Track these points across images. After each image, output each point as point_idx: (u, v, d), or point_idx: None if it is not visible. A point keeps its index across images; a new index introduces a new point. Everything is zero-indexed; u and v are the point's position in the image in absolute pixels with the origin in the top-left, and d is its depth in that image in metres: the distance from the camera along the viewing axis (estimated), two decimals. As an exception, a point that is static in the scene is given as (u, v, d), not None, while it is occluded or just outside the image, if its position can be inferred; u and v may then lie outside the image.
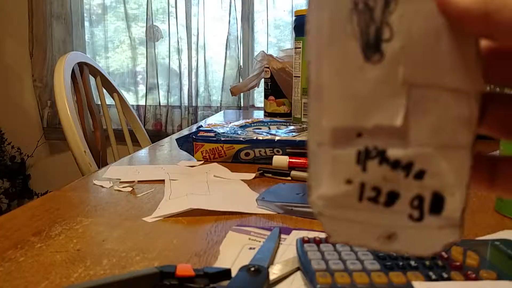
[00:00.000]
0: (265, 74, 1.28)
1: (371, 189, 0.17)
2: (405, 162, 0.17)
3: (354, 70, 0.17)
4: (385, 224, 0.18)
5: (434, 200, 0.17)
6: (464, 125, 0.16)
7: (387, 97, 0.16)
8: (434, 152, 0.17)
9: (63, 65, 1.14)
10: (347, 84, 0.17)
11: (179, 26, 2.06)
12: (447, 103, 0.16)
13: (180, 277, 0.31)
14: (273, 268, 0.35)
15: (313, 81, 0.17)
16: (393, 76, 0.16)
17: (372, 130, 0.17)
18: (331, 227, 0.18)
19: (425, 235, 0.17)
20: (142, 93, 2.16)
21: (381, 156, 0.17)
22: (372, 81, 0.16)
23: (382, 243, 0.18)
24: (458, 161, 0.17)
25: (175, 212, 0.49)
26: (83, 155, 1.02)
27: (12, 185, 2.25)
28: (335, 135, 0.17)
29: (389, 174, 0.17)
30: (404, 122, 0.16)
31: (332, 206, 0.18)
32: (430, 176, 0.17)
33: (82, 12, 2.18)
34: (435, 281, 0.32)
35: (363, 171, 0.17)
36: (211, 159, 0.76)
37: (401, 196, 0.17)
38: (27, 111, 2.25)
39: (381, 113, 0.17)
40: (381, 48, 0.16)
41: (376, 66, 0.16)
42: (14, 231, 0.45)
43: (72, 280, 0.35)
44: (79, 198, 0.57)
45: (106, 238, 0.43)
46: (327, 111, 0.17)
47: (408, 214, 0.17)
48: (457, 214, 0.17)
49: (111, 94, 1.41)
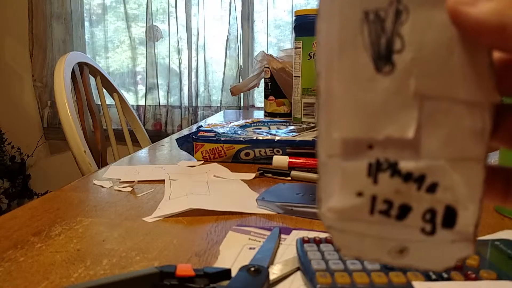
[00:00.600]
0: (265, 74, 1.28)
1: (383, 202, 0.17)
2: (417, 174, 0.17)
3: (365, 81, 0.16)
4: (397, 238, 0.17)
5: (447, 214, 0.17)
6: (476, 137, 0.16)
7: (398, 109, 0.16)
8: (447, 165, 0.16)
9: (63, 65, 1.14)
10: (357, 95, 0.17)
11: (179, 26, 2.06)
12: (459, 115, 0.16)
13: (180, 277, 0.31)
14: (273, 268, 0.35)
15: (323, 92, 0.17)
16: (404, 88, 0.16)
17: (383, 142, 0.17)
18: (341, 240, 0.18)
19: (437, 249, 0.17)
20: (142, 93, 2.16)
21: (393, 168, 0.17)
22: (383, 93, 0.16)
23: (393, 257, 0.18)
24: (471, 174, 0.16)
25: (175, 212, 0.49)
26: (83, 155, 1.02)
27: (12, 185, 2.25)
28: (345, 146, 0.17)
29: (401, 186, 0.17)
30: (416, 134, 0.16)
31: (343, 219, 0.18)
32: (442, 189, 0.17)
33: (82, 12, 2.18)
34: (435, 281, 0.32)
35: (374, 183, 0.17)
36: (211, 159, 0.76)
37: (413, 209, 0.17)
38: (27, 111, 2.25)
39: (392, 125, 0.16)
40: (392, 59, 0.16)
41: (387, 77, 0.16)
42: (14, 231, 0.45)
43: (72, 280, 0.35)
44: (79, 198, 0.57)
45: (106, 238, 0.43)
46: (337, 122, 0.17)
47: (420, 228, 0.17)
48: (470, 229, 0.17)
49: (111, 94, 1.41)
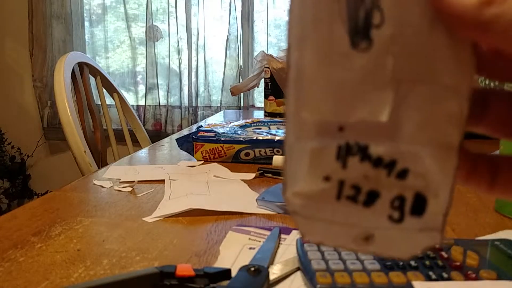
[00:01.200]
0: (265, 74, 1.28)
1: (351, 187, 0.16)
2: (388, 160, 0.16)
3: (339, 58, 0.15)
4: (363, 224, 0.16)
5: (416, 202, 0.16)
6: (452, 123, 0.15)
7: (372, 90, 0.15)
8: (420, 150, 0.16)
9: (63, 65, 1.14)
10: (330, 72, 0.15)
11: (179, 26, 2.06)
12: (436, 99, 0.15)
13: (180, 277, 0.31)
14: (273, 268, 0.35)
15: (293, 68, 0.16)
16: (380, 67, 0.15)
17: (355, 124, 0.16)
18: (306, 226, 0.17)
19: (404, 237, 0.16)
20: (142, 93, 2.16)
21: (363, 152, 0.16)
22: (358, 71, 0.15)
23: (358, 244, 0.17)
24: (444, 161, 0.16)
25: (175, 212, 0.49)
26: (83, 155, 1.02)
27: (12, 185, 2.25)
28: (314, 128, 0.16)
29: (370, 172, 0.16)
30: (390, 117, 0.15)
31: (308, 204, 0.17)
32: (413, 175, 0.16)
33: (82, 12, 2.18)
34: (435, 281, 0.32)
35: (343, 168, 0.16)
36: (211, 159, 0.76)
37: (382, 195, 0.16)
38: (27, 111, 2.25)
39: (365, 106, 0.15)
40: (370, 34, 0.15)
41: (364, 55, 0.15)
42: (14, 231, 0.45)
43: (72, 280, 0.35)
44: (79, 198, 0.57)
45: (106, 238, 0.43)
46: (307, 102, 0.16)
47: (388, 215, 0.16)
48: (439, 217, 0.16)
49: (111, 94, 1.41)
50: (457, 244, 0.37)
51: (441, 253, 0.35)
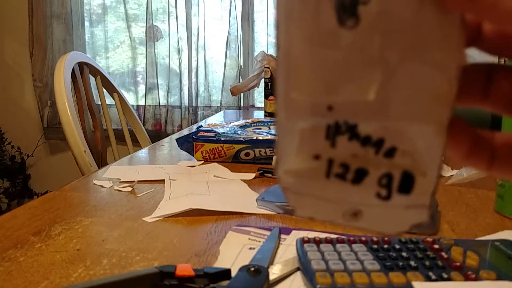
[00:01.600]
0: (265, 74, 1.28)
1: (339, 165, 0.16)
2: (376, 138, 0.16)
3: (326, 36, 0.15)
4: (352, 201, 0.17)
5: (404, 180, 0.16)
6: (441, 100, 0.15)
7: (360, 68, 0.15)
8: (407, 128, 0.16)
9: (63, 65, 1.14)
10: (317, 51, 0.15)
11: (179, 26, 2.06)
12: (424, 77, 0.15)
13: (180, 277, 0.31)
14: (273, 268, 0.35)
15: (281, 48, 0.16)
16: (368, 45, 0.15)
17: (343, 103, 0.16)
18: (297, 202, 0.18)
19: (391, 214, 0.17)
20: (142, 93, 2.16)
21: (352, 131, 0.16)
22: (345, 49, 0.15)
23: (347, 220, 0.17)
24: (432, 139, 0.16)
25: (175, 212, 0.49)
26: (83, 155, 1.02)
27: (12, 185, 2.25)
28: (304, 108, 0.16)
29: (358, 150, 0.16)
30: (377, 96, 0.15)
31: (299, 181, 0.17)
32: (401, 154, 0.16)
33: (82, 12, 2.18)
34: (435, 281, 0.32)
35: (332, 146, 0.16)
36: (211, 159, 0.76)
37: (370, 173, 0.16)
38: (27, 110, 2.25)
39: (353, 85, 0.15)
40: (357, 11, 0.15)
41: (351, 32, 0.15)
42: (14, 231, 0.45)
43: (72, 280, 0.35)
44: (79, 198, 0.57)
45: (106, 238, 0.43)
46: (296, 82, 0.16)
47: (375, 192, 0.17)
48: (427, 195, 0.16)
49: (111, 94, 1.41)
50: (457, 245, 0.37)
51: (441, 254, 0.35)
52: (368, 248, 0.36)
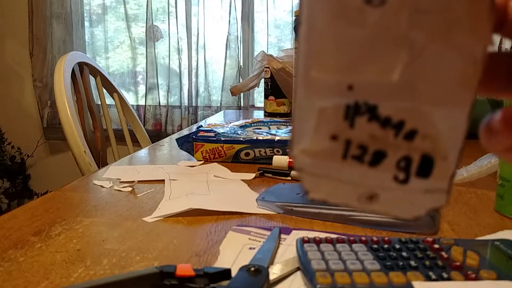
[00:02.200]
0: (265, 74, 1.28)
1: (357, 147, 0.16)
2: (397, 120, 0.16)
3: (351, 13, 0.15)
4: (368, 184, 0.17)
5: (423, 163, 0.16)
6: (465, 83, 0.15)
7: (385, 48, 0.15)
8: (429, 110, 0.15)
9: (63, 65, 1.14)
10: (342, 29, 0.15)
11: (179, 26, 2.06)
12: (450, 59, 0.15)
13: (180, 277, 0.31)
14: (273, 268, 0.35)
15: (304, 24, 0.15)
16: (394, 24, 0.14)
17: (365, 83, 0.15)
18: (311, 183, 0.17)
19: (408, 198, 0.16)
20: (142, 93, 2.16)
21: (372, 112, 0.16)
22: (371, 27, 0.15)
23: (362, 203, 0.17)
24: (454, 122, 0.15)
25: (175, 212, 0.49)
26: (83, 155, 1.02)
27: (12, 185, 2.25)
28: (324, 86, 0.16)
29: (377, 132, 0.16)
30: (401, 77, 0.15)
31: (314, 162, 0.17)
32: (421, 137, 0.16)
33: (82, 12, 2.18)
34: (435, 281, 0.32)
35: (351, 127, 0.16)
36: (211, 159, 0.76)
37: (388, 156, 0.16)
38: (27, 111, 2.25)
39: (376, 65, 0.15)
40: None
41: (377, 10, 0.14)
42: (14, 231, 0.45)
43: (72, 280, 0.35)
44: (79, 198, 0.57)
45: (106, 238, 0.43)
46: (317, 59, 0.15)
47: (393, 176, 0.16)
48: (446, 179, 0.16)
49: (111, 94, 1.41)
50: (457, 244, 0.37)
51: (441, 253, 0.35)
52: (368, 247, 0.36)
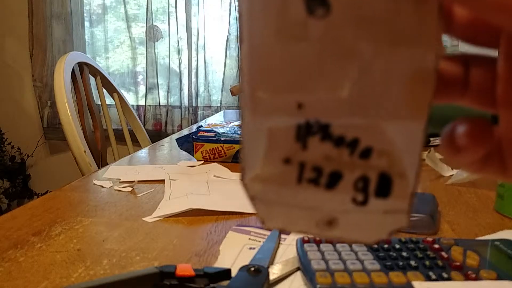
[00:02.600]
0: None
1: (312, 169, 0.15)
2: (350, 138, 0.15)
3: (294, 27, 0.14)
4: (326, 208, 0.15)
5: (381, 182, 0.15)
6: (418, 95, 0.14)
7: (332, 62, 0.14)
8: (383, 126, 0.14)
9: (63, 65, 1.14)
10: (285, 44, 0.14)
11: (179, 26, 2.06)
12: (401, 70, 0.14)
13: (180, 277, 0.31)
14: (273, 268, 0.35)
15: (245, 42, 0.14)
16: (340, 36, 0.14)
17: (315, 101, 0.14)
18: (266, 212, 0.16)
19: (369, 221, 0.15)
20: (142, 93, 2.16)
21: (324, 131, 0.15)
22: (315, 42, 0.14)
23: (322, 229, 0.16)
24: (410, 137, 0.14)
25: (175, 212, 0.49)
26: (83, 155, 1.02)
27: (12, 185, 2.25)
28: (271, 106, 0.15)
29: (332, 152, 0.15)
30: (351, 92, 0.14)
31: (268, 188, 0.16)
32: (377, 154, 0.15)
33: (82, 12, 2.18)
34: (435, 281, 0.32)
35: (303, 148, 0.15)
36: (211, 159, 0.76)
37: (345, 177, 0.15)
38: (27, 111, 2.25)
39: (324, 81, 0.14)
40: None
41: (321, 22, 0.13)
42: (14, 231, 0.45)
43: (72, 280, 0.35)
44: (79, 198, 0.57)
45: (106, 238, 0.43)
46: (262, 79, 0.14)
47: (351, 197, 0.15)
48: (405, 198, 0.15)
49: (111, 94, 1.41)
50: (457, 244, 0.37)
51: (441, 253, 0.35)
52: (368, 247, 0.36)
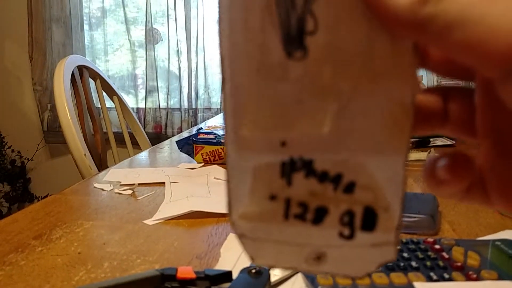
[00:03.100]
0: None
1: (298, 205, 0.15)
2: (334, 173, 0.15)
3: (274, 68, 0.14)
4: (314, 243, 0.16)
5: (366, 216, 0.15)
6: (397, 130, 0.14)
7: (311, 101, 0.14)
8: (364, 161, 0.15)
9: (63, 69, 1.14)
10: (266, 85, 0.14)
11: (179, 28, 2.06)
12: (379, 107, 0.14)
13: (181, 279, 0.31)
14: (274, 270, 0.35)
15: (227, 81, 0.15)
16: (318, 76, 0.14)
17: (297, 138, 0.15)
18: (255, 249, 0.16)
19: (357, 254, 0.16)
20: (142, 96, 2.16)
21: (308, 167, 0.15)
22: (295, 82, 0.14)
23: (311, 265, 0.16)
24: (391, 170, 0.15)
25: (175, 215, 0.49)
26: (83, 158, 1.02)
27: (13, 189, 2.25)
28: (255, 145, 0.15)
29: (316, 187, 0.15)
30: (332, 128, 0.14)
31: (255, 226, 0.16)
32: (360, 188, 0.15)
33: (82, 16, 2.19)
34: (436, 282, 0.32)
35: (288, 185, 0.15)
36: (212, 161, 0.76)
37: (330, 212, 0.15)
38: (27, 114, 2.25)
39: (305, 118, 0.15)
40: (304, 42, 0.14)
41: (299, 64, 0.14)
42: (15, 234, 0.45)
43: (73, 283, 0.35)
44: (80, 201, 0.57)
45: (107, 241, 0.43)
46: (245, 118, 0.15)
47: (338, 232, 0.15)
48: (391, 231, 0.15)
49: (111, 97, 1.41)
50: (458, 245, 0.37)
51: (442, 254, 0.35)
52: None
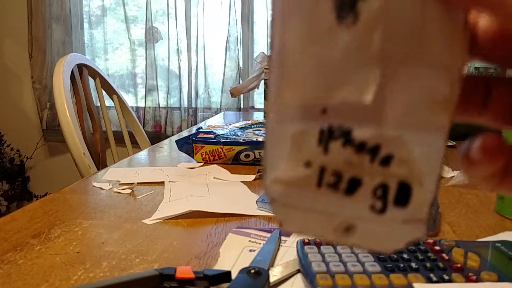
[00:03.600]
0: (265, 75, 1.28)
1: (332, 174, 0.15)
2: (372, 145, 0.15)
3: (323, 34, 0.14)
4: (344, 214, 0.15)
5: (400, 191, 0.15)
6: (442, 105, 0.14)
7: (358, 69, 0.14)
8: (405, 134, 0.15)
9: (62, 67, 1.14)
10: (314, 50, 0.14)
11: (179, 27, 2.06)
12: (425, 80, 0.14)
13: (180, 279, 0.31)
14: (274, 270, 0.35)
15: (276, 45, 0.15)
16: (367, 44, 0.14)
17: (338, 106, 0.15)
18: (285, 215, 0.16)
19: (386, 229, 0.15)
20: (142, 95, 2.16)
21: (346, 136, 0.15)
22: (343, 48, 0.14)
23: (339, 236, 0.16)
24: (431, 147, 0.15)
25: (174, 214, 0.49)
26: (82, 157, 1.02)
27: (11, 187, 2.25)
28: (297, 110, 0.15)
29: (352, 157, 0.15)
30: (375, 98, 0.14)
31: (288, 191, 0.16)
32: (397, 162, 0.15)
33: (82, 14, 2.18)
34: (436, 283, 0.31)
35: (325, 153, 0.15)
36: (211, 161, 0.76)
37: (364, 183, 0.15)
38: (27, 113, 2.25)
39: (349, 87, 0.14)
40: (356, 7, 0.14)
41: (349, 30, 0.14)
42: (13, 233, 0.44)
43: (72, 282, 0.35)
44: (79, 200, 0.56)
45: (105, 240, 0.43)
46: (289, 82, 0.15)
47: (369, 205, 0.15)
48: (424, 208, 0.15)
49: (111, 95, 1.41)
50: (458, 246, 0.37)
51: (442, 255, 0.35)
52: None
